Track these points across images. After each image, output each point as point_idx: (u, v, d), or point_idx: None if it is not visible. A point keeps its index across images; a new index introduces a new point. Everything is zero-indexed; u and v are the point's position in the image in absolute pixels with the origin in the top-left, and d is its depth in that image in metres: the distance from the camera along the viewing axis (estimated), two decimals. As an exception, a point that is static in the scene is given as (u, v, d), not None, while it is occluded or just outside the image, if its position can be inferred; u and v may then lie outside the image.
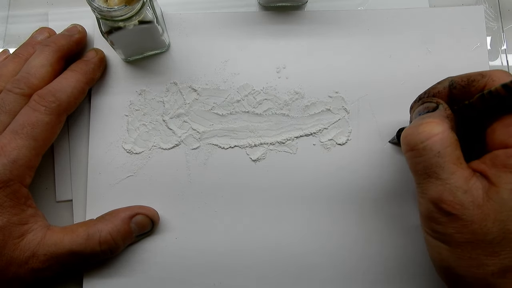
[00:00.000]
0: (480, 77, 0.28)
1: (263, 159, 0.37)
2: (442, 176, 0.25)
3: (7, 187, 0.30)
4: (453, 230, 0.25)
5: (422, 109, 0.29)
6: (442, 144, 0.26)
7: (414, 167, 0.27)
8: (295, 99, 0.38)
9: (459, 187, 0.25)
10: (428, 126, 0.26)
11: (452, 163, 0.25)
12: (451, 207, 0.25)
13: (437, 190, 0.26)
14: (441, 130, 0.26)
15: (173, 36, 0.40)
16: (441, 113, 0.27)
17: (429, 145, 0.26)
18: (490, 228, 0.24)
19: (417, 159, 0.27)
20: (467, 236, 0.25)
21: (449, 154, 0.25)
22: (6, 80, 0.34)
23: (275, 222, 0.36)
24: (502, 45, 0.39)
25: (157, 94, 0.38)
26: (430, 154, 0.26)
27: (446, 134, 0.26)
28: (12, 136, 0.31)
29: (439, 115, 0.27)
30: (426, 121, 0.27)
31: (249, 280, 0.36)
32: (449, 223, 0.25)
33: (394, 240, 0.36)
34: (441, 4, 0.40)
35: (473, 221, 0.24)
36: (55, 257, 0.31)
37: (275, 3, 0.40)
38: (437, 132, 0.26)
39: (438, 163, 0.26)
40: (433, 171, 0.26)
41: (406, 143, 0.27)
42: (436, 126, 0.26)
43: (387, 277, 0.35)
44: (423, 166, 0.26)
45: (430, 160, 0.26)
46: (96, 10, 0.31)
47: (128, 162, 0.37)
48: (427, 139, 0.26)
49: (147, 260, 0.36)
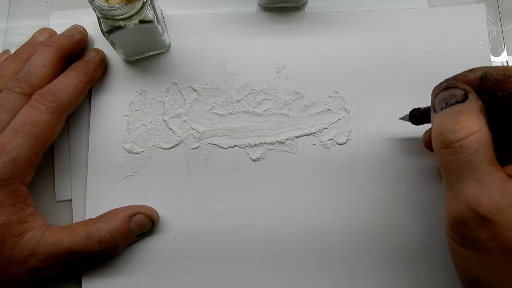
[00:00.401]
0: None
1: (263, 158, 0.37)
2: (478, 177, 0.24)
3: (7, 186, 0.30)
4: (487, 237, 0.24)
5: (449, 96, 0.27)
6: (479, 143, 0.24)
7: (448, 166, 0.26)
8: (295, 99, 0.38)
9: (496, 189, 0.24)
10: (465, 123, 0.25)
11: (488, 163, 0.24)
12: (487, 210, 0.23)
13: (473, 192, 0.24)
14: (479, 128, 0.25)
15: (173, 36, 0.40)
16: (473, 105, 0.26)
17: (466, 143, 0.24)
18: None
19: (452, 157, 0.25)
20: (502, 244, 0.23)
21: (485, 154, 0.24)
22: (6, 80, 0.35)
23: (275, 222, 0.36)
24: (502, 45, 0.39)
25: (157, 94, 0.38)
26: (467, 152, 0.24)
27: (483, 132, 0.25)
28: (12, 134, 0.31)
29: (473, 109, 0.26)
30: (462, 117, 0.25)
31: (249, 280, 0.35)
32: (483, 228, 0.24)
33: (394, 239, 0.35)
34: (441, 4, 0.40)
35: (510, 227, 0.23)
36: (55, 256, 0.31)
37: (275, 4, 0.40)
38: (475, 130, 0.25)
39: (475, 162, 0.24)
40: (469, 171, 0.24)
41: (441, 140, 0.26)
42: (474, 124, 0.25)
43: (390, 276, 0.35)
44: (458, 165, 0.25)
45: (466, 158, 0.24)
46: (97, 9, 0.31)
47: (128, 162, 0.37)
48: (465, 137, 0.25)
49: (147, 260, 0.36)
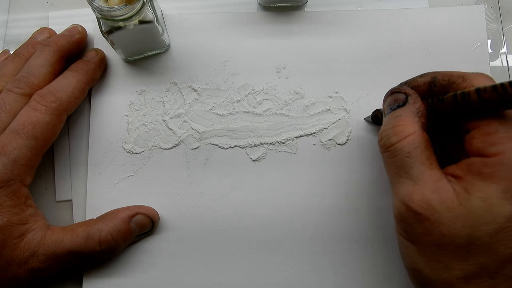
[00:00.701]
0: (461, 80, 0.28)
1: (263, 159, 0.37)
2: (411, 176, 0.26)
3: (8, 187, 0.30)
4: (422, 231, 0.25)
5: (392, 101, 0.29)
6: (412, 145, 0.27)
7: (388, 167, 0.29)
8: (295, 99, 0.38)
9: (427, 187, 0.26)
10: (399, 128, 0.27)
11: (421, 163, 0.26)
12: (419, 206, 0.25)
13: (407, 190, 0.26)
14: (411, 131, 0.27)
15: (173, 36, 0.40)
16: (410, 108, 0.28)
17: (399, 146, 0.27)
18: (459, 232, 0.24)
19: (390, 159, 0.28)
20: (435, 238, 0.25)
21: (418, 155, 0.26)
22: (6, 80, 0.35)
23: (275, 222, 0.36)
24: (502, 45, 0.39)
25: (157, 94, 0.38)
26: (401, 154, 0.27)
27: (416, 135, 0.27)
28: (12, 135, 0.31)
29: (409, 112, 0.28)
30: (397, 122, 0.28)
31: (249, 280, 0.36)
32: (417, 223, 0.26)
33: (394, 239, 0.35)
34: (441, 4, 0.40)
35: (442, 222, 0.25)
36: (55, 257, 0.31)
37: (275, 3, 0.40)
38: (408, 133, 0.27)
39: (408, 163, 0.26)
40: (403, 171, 0.27)
41: (382, 144, 0.29)
42: (408, 127, 0.27)
43: (389, 276, 0.35)
44: (395, 166, 0.27)
45: (401, 161, 0.27)
46: (97, 10, 0.31)
47: (128, 162, 0.37)
48: (398, 141, 0.27)
49: (147, 260, 0.36)
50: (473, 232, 0.24)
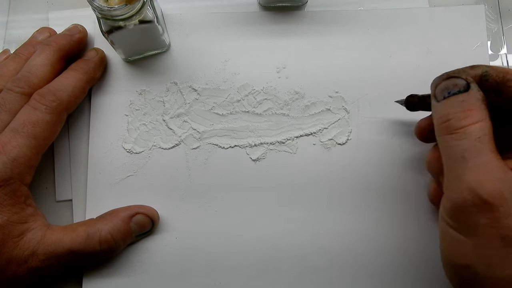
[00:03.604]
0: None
1: (263, 158, 0.37)
2: (482, 162, 0.25)
3: (7, 186, 0.30)
4: (486, 222, 0.24)
5: (451, 85, 0.28)
6: (482, 131, 0.25)
7: (450, 151, 0.26)
8: (295, 99, 0.38)
9: (498, 175, 0.24)
10: (470, 112, 0.26)
11: (491, 151, 0.25)
12: (490, 194, 0.24)
13: (476, 176, 0.24)
14: (482, 117, 0.26)
15: (173, 36, 0.40)
16: (476, 95, 0.27)
17: (470, 130, 0.25)
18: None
19: (456, 142, 0.26)
20: (501, 231, 0.23)
21: (487, 142, 0.25)
22: (6, 80, 0.35)
23: (276, 222, 0.36)
24: (502, 45, 0.39)
25: (157, 94, 0.38)
26: (471, 138, 0.25)
27: (486, 122, 0.26)
28: (12, 134, 0.31)
29: (475, 98, 0.27)
30: (467, 106, 0.26)
31: (249, 280, 0.35)
32: (483, 213, 0.24)
33: (395, 239, 0.35)
34: (441, 4, 0.40)
35: (510, 214, 0.23)
36: (55, 257, 0.31)
37: (275, 3, 0.40)
38: (479, 118, 0.26)
39: (478, 148, 0.25)
40: (472, 156, 0.25)
41: (446, 126, 0.27)
42: (477, 113, 0.26)
43: (391, 276, 0.35)
44: (461, 150, 0.26)
45: (470, 144, 0.25)
46: (97, 10, 0.31)
47: (128, 162, 0.37)
48: (469, 124, 0.26)
49: (147, 260, 0.36)
50: None
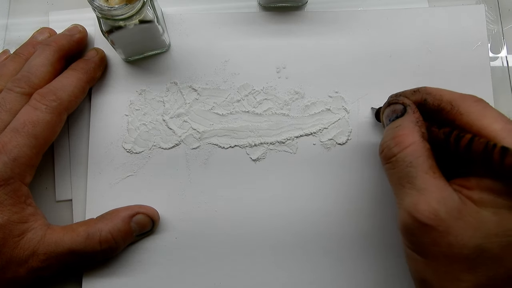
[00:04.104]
0: (449, 107, 0.28)
1: (263, 158, 0.37)
2: (415, 186, 0.26)
3: (8, 185, 0.30)
4: (429, 242, 0.25)
5: (390, 112, 0.29)
6: (413, 155, 0.26)
7: (391, 179, 0.28)
8: (295, 99, 0.38)
9: (433, 196, 0.25)
10: (399, 138, 0.27)
11: (424, 172, 0.26)
12: (425, 216, 0.25)
13: (411, 200, 0.25)
14: (411, 141, 0.27)
15: (173, 36, 0.40)
16: (410, 118, 0.28)
17: (401, 157, 0.27)
18: (467, 242, 0.24)
19: (392, 170, 0.27)
20: (443, 248, 0.25)
21: (421, 164, 0.26)
22: (6, 80, 0.35)
23: (275, 221, 0.36)
24: (502, 45, 0.39)
25: (157, 94, 0.38)
26: (402, 164, 0.26)
27: (417, 144, 0.26)
28: (13, 134, 0.31)
29: (409, 121, 0.28)
30: (397, 133, 0.27)
31: (249, 280, 0.35)
32: (424, 234, 0.25)
33: (394, 239, 0.35)
34: (441, 4, 0.40)
35: (449, 232, 0.24)
36: (55, 256, 0.31)
37: (275, 3, 0.40)
38: (408, 143, 0.27)
39: (411, 173, 0.26)
40: (406, 182, 0.26)
41: (383, 156, 0.29)
42: (407, 138, 0.27)
43: (386, 276, 0.35)
44: (397, 177, 0.27)
45: (403, 171, 0.26)
46: (97, 9, 0.31)
47: (128, 162, 0.37)
48: (399, 152, 0.27)
49: (147, 260, 0.36)
50: (483, 244, 0.24)
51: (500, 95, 0.38)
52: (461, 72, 0.38)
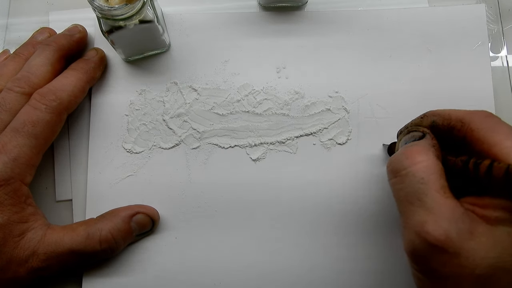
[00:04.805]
0: (459, 125, 0.27)
1: (263, 158, 0.37)
2: (425, 204, 0.24)
3: (8, 185, 0.30)
4: (437, 263, 0.24)
5: (409, 138, 0.29)
6: (425, 171, 0.25)
7: (398, 194, 0.26)
8: (295, 99, 0.38)
9: (443, 216, 0.24)
10: (412, 153, 0.26)
11: (436, 191, 0.24)
12: (435, 237, 0.23)
13: (420, 219, 0.24)
14: (425, 158, 0.25)
15: (173, 36, 0.40)
16: (427, 141, 0.27)
17: (412, 171, 0.25)
18: (479, 263, 0.23)
19: (400, 185, 0.26)
20: (453, 270, 0.23)
21: (433, 182, 0.25)
22: (6, 79, 0.35)
23: (275, 222, 0.36)
24: (502, 45, 0.39)
25: (158, 94, 0.38)
26: (413, 180, 0.25)
27: (430, 162, 0.25)
28: (12, 134, 0.31)
29: (424, 143, 0.27)
30: (410, 149, 0.26)
31: (249, 280, 0.35)
32: (433, 255, 0.24)
33: (394, 240, 0.35)
34: (441, 4, 0.40)
35: (460, 253, 0.23)
36: (55, 256, 0.31)
37: (275, 3, 0.40)
38: (421, 159, 0.25)
39: (421, 190, 0.25)
40: (416, 198, 0.25)
41: (390, 170, 0.27)
42: (420, 154, 0.26)
43: (386, 277, 0.35)
44: (405, 193, 0.25)
45: (413, 187, 0.25)
46: (97, 9, 0.31)
47: (128, 162, 0.37)
48: (411, 166, 0.25)
49: (147, 260, 0.36)
50: (497, 263, 0.23)
51: (500, 95, 0.38)
52: (462, 72, 0.38)
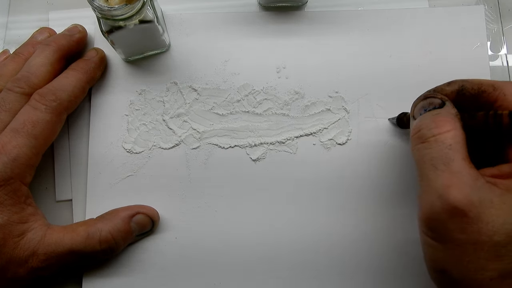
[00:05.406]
0: (491, 89, 0.27)
1: (263, 158, 0.37)
2: (451, 169, 0.25)
3: (8, 185, 0.30)
4: (456, 228, 0.24)
5: (427, 104, 0.29)
6: (454, 139, 0.26)
7: (422, 159, 0.27)
8: (295, 99, 0.38)
9: (467, 183, 0.24)
10: (441, 121, 0.26)
11: (462, 159, 0.25)
12: (458, 200, 0.24)
13: (445, 182, 0.25)
14: (453, 127, 0.26)
15: (173, 36, 0.40)
16: (449, 110, 0.27)
17: (441, 138, 0.26)
18: (498, 229, 0.23)
19: (428, 150, 0.26)
20: (471, 236, 0.24)
21: (459, 149, 0.25)
22: (6, 80, 0.35)
23: (275, 222, 0.36)
24: (502, 45, 0.39)
25: (157, 94, 0.38)
26: (441, 146, 0.26)
27: (458, 132, 0.26)
28: (12, 134, 0.31)
29: (448, 112, 0.27)
30: (438, 117, 0.27)
31: (249, 280, 0.35)
32: (453, 219, 0.24)
33: (394, 239, 0.36)
34: (441, 4, 0.40)
35: (480, 219, 0.24)
36: (55, 256, 0.31)
37: (275, 3, 0.40)
38: (450, 127, 0.26)
39: (449, 155, 0.25)
40: (442, 163, 0.25)
41: (418, 136, 0.27)
42: (449, 122, 0.26)
43: (386, 277, 0.35)
44: (432, 157, 0.26)
45: (441, 151, 0.26)
46: (97, 9, 0.31)
47: (128, 162, 0.37)
48: (440, 133, 0.26)
49: (147, 260, 0.36)
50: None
51: (500, 95, 0.38)
52: (461, 72, 0.38)
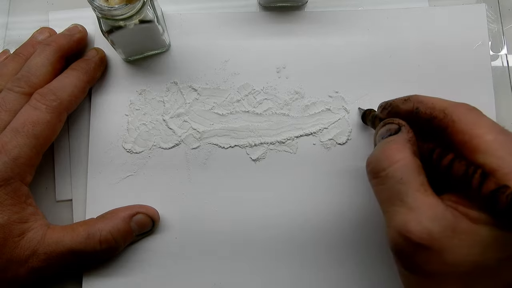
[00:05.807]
0: (442, 115, 0.27)
1: (263, 158, 0.37)
2: (406, 204, 0.24)
3: (8, 185, 0.30)
4: (421, 261, 0.24)
5: (385, 131, 0.28)
6: (404, 171, 0.25)
7: (379, 196, 0.27)
8: (295, 99, 0.38)
9: (425, 214, 0.24)
10: (390, 152, 0.26)
11: (416, 190, 0.25)
12: (418, 236, 0.24)
13: (403, 219, 0.24)
14: (402, 156, 0.25)
15: (173, 36, 0.40)
16: (403, 136, 0.27)
17: (391, 172, 0.25)
18: (463, 261, 0.23)
19: (381, 186, 0.26)
20: (437, 267, 0.24)
21: (411, 181, 0.25)
22: (6, 79, 0.35)
23: (275, 222, 0.36)
24: (503, 45, 0.39)
25: (158, 94, 0.38)
26: (392, 181, 0.25)
27: (408, 160, 0.25)
28: (13, 134, 0.31)
29: (400, 139, 0.27)
30: (388, 147, 0.26)
31: (249, 280, 0.35)
32: (417, 253, 0.24)
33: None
34: (441, 4, 0.40)
35: (443, 250, 0.23)
36: (55, 256, 0.31)
37: (275, 3, 0.40)
38: (398, 158, 0.25)
39: (402, 191, 0.25)
40: (396, 199, 0.25)
41: (369, 171, 0.27)
42: (398, 152, 0.26)
43: (387, 276, 0.35)
44: (386, 194, 0.26)
45: (393, 188, 0.25)
46: (97, 9, 0.31)
47: (128, 162, 0.37)
48: (389, 166, 0.25)
49: (147, 260, 0.36)
50: (480, 260, 0.23)
51: (500, 95, 0.38)
52: (462, 72, 0.38)
